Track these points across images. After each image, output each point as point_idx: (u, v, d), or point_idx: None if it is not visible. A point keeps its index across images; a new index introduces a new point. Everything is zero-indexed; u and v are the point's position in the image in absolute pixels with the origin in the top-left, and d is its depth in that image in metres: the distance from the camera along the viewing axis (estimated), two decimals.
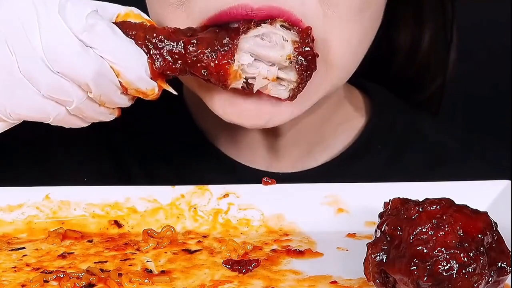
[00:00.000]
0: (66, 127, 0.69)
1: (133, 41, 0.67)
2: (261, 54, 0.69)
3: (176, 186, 0.75)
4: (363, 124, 0.91)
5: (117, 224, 0.74)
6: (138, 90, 0.68)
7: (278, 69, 0.70)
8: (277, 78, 0.70)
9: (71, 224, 0.74)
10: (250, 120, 0.73)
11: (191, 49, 0.67)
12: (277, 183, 0.75)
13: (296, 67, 0.69)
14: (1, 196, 0.75)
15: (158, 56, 0.67)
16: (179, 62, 0.68)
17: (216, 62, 0.67)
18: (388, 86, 0.97)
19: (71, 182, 0.76)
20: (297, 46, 0.69)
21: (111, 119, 0.71)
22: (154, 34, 0.67)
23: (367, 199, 0.73)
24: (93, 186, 0.75)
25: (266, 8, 0.69)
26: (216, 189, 0.76)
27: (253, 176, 0.82)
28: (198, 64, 0.68)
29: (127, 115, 0.72)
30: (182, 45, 0.68)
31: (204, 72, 0.68)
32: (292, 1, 0.69)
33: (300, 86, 0.70)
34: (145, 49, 0.67)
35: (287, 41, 0.69)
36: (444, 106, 1.02)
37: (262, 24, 0.69)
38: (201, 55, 0.67)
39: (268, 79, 0.69)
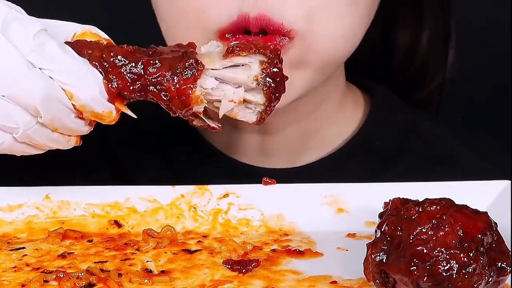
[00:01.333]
0: (18, 155, 0.65)
1: (87, 60, 0.63)
2: (227, 77, 0.65)
3: (176, 186, 0.75)
4: (362, 122, 0.91)
5: (117, 224, 0.74)
6: (94, 113, 0.63)
7: (245, 91, 0.66)
8: (244, 100, 0.66)
9: (71, 224, 0.74)
10: None
11: (151, 70, 0.63)
12: (274, 179, 0.75)
13: (264, 89, 0.65)
14: (1, 196, 0.75)
15: (114, 76, 0.63)
16: (137, 83, 0.63)
17: (177, 86, 0.63)
18: (387, 85, 0.97)
19: (68, 183, 0.76)
20: (265, 67, 0.65)
21: (70, 147, 0.66)
22: (112, 53, 0.63)
23: (367, 199, 0.73)
24: (93, 186, 0.75)
25: (260, 17, 0.71)
26: (216, 189, 0.76)
27: (250, 172, 0.82)
28: (158, 87, 0.63)
29: (124, 115, 0.71)
30: (142, 65, 0.63)
31: (163, 95, 0.63)
32: (283, 12, 0.72)
33: (267, 109, 0.66)
34: (101, 69, 0.63)
35: (253, 62, 0.66)
36: (444, 106, 1.02)
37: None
38: (161, 78, 0.63)
39: (235, 102, 0.66)
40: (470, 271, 0.56)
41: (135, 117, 0.66)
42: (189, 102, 0.64)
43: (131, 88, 0.63)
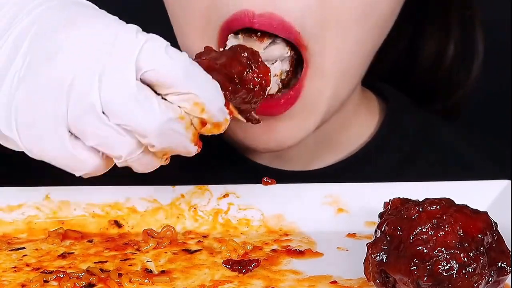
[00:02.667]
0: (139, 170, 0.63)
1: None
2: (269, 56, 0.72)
3: (176, 186, 0.75)
4: (377, 127, 0.92)
5: (117, 224, 0.74)
6: (215, 124, 0.62)
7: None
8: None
9: (71, 224, 0.74)
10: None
11: (233, 70, 0.66)
12: (287, 181, 0.75)
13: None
14: (1, 196, 0.75)
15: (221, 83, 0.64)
16: (232, 84, 0.65)
17: (259, 74, 0.66)
18: (408, 95, 0.97)
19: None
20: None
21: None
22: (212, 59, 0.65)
23: (367, 199, 0.73)
24: (93, 186, 0.75)
25: (267, 15, 0.70)
26: (216, 189, 0.76)
27: (267, 174, 0.82)
28: (246, 85, 0.65)
29: None
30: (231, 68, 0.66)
31: (250, 87, 0.66)
32: (293, 12, 0.71)
33: (288, 74, 0.74)
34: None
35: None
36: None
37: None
38: (243, 74, 0.66)
39: (277, 75, 0.72)
40: (470, 271, 0.56)
41: (245, 120, 0.67)
42: (269, 84, 0.67)
43: (230, 88, 0.64)
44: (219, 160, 0.89)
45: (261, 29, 0.72)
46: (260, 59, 0.67)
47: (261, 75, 0.66)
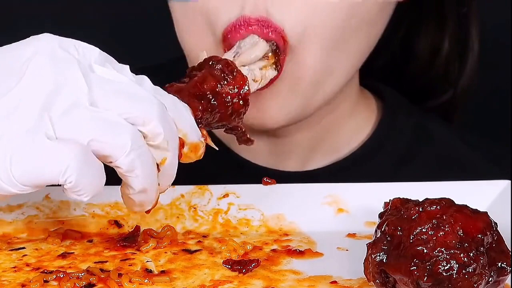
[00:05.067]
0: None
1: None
2: (247, 60, 0.71)
3: (176, 186, 0.75)
4: (374, 126, 0.92)
5: (117, 224, 0.74)
6: (193, 145, 0.62)
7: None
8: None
9: (71, 224, 0.74)
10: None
11: (205, 87, 0.65)
12: (283, 181, 0.75)
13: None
14: None
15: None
16: (202, 102, 0.65)
17: (235, 85, 0.66)
18: (403, 93, 0.97)
19: None
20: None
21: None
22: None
23: (367, 199, 0.73)
24: None
25: (261, 19, 0.73)
26: (216, 189, 0.76)
27: (263, 174, 0.83)
28: (218, 97, 0.65)
29: None
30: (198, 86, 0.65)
31: (227, 102, 0.66)
32: (279, 15, 0.74)
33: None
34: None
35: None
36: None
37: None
38: (216, 88, 0.65)
39: (257, 81, 0.72)
40: (470, 271, 0.56)
41: (217, 149, 0.67)
42: (248, 94, 0.67)
43: (201, 108, 0.64)
44: (217, 162, 0.89)
45: (255, 33, 0.74)
46: (235, 69, 0.66)
47: (238, 86, 0.66)
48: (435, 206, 0.59)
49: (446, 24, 0.95)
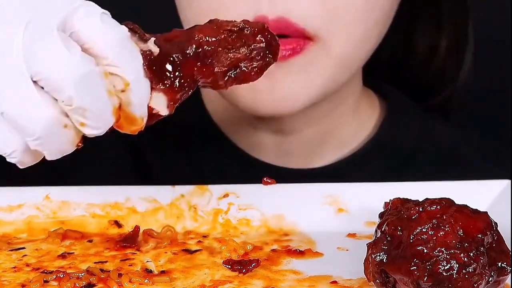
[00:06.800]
0: (21, 167, 0.57)
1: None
2: None
3: (176, 186, 0.75)
4: (377, 125, 0.92)
5: (117, 224, 0.74)
6: (129, 116, 0.56)
7: None
8: None
9: (71, 224, 0.74)
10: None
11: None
12: (288, 179, 0.75)
13: None
14: (1, 196, 0.75)
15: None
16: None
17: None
18: (403, 90, 0.98)
19: (88, 176, 0.76)
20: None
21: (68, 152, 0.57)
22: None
23: (367, 199, 0.73)
24: (93, 186, 0.75)
25: (276, 19, 0.72)
26: (216, 189, 0.76)
27: (270, 172, 0.83)
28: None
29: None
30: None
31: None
32: (295, 13, 0.73)
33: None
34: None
35: None
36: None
37: None
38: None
39: None
40: (470, 271, 0.56)
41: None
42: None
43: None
44: (223, 159, 0.89)
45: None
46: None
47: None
48: (435, 206, 0.59)
49: (443, 23, 0.96)
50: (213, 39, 0.58)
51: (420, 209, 0.59)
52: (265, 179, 0.75)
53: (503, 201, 0.72)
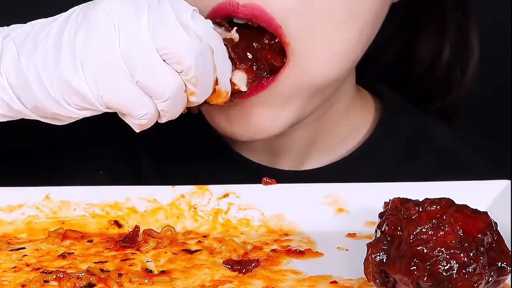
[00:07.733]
0: (139, 130, 0.68)
1: None
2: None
3: (176, 186, 0.75)
4: (372, 126, 0.91)
5: (117, 224, 0.74)
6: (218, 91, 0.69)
7: None
8: None
9: (71, 224, 0.74)
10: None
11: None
12: (279, 180, 0.75)
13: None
14: (1, 196, 0.75)
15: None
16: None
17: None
18: (403, 94, 0.97)
19: (85, 181, 0.76)
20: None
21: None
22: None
23: (367, 199, 0.73)
24: (93, 186, 0.75)
25: (249, 6, 0.72)
26: (216, 189, 0.76)
27: (260, 172, 0.83)
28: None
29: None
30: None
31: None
32: (275, 7, 0.72)
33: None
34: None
35: None
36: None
37: None
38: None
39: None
40: (470, 271, 0.56)
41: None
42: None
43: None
44: (213, 158, 0.89)
45: (244, 18, 0.73)
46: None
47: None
48: (435, 206, 0.59)
49: (447, 30, 0.95)
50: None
51: (420, 209, 0.59)
52: (265, 179, 0.75)
53: (503, 201, 0.72)
